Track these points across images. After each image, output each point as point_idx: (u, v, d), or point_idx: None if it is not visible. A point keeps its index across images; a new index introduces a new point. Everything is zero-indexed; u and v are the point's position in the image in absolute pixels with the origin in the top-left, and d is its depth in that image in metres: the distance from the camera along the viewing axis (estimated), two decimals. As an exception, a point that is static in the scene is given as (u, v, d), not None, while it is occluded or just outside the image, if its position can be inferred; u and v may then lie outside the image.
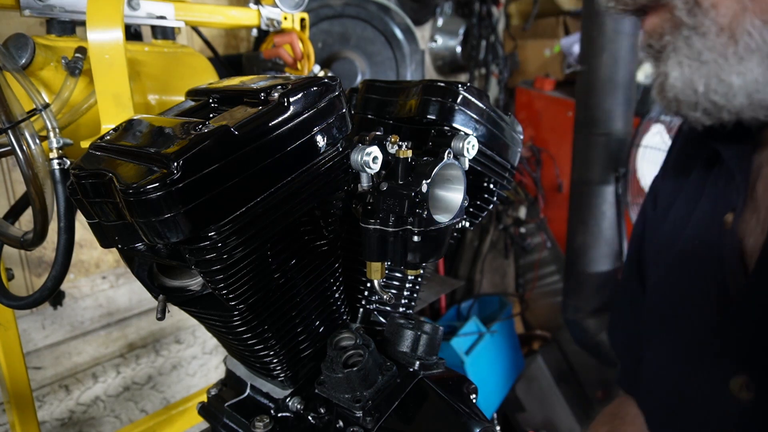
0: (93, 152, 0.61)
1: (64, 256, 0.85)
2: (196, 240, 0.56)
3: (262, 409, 0.76)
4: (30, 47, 0.85)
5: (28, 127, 0.80)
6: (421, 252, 0.71)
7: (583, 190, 2.34)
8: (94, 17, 0.85)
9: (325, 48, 2.29)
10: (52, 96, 0.87)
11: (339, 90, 0.67)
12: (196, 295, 0.68)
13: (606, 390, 2.57)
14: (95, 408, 1.95)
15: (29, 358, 1.77)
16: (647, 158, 1.97)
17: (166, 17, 1.18)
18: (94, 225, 0.61)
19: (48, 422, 1.83)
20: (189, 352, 2.21)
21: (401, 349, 0.78)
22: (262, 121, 0.59)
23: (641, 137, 1.97)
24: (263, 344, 0.70)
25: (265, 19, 1.41)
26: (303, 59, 1.47)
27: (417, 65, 2.46)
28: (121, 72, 0.86)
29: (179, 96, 1.05)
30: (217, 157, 0.54)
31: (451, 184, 0.75)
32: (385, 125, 0.80)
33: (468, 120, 0.75)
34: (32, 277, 1.77)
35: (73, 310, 1.87)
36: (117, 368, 2.01)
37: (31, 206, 0.82)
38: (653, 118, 1.98)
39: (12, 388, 1.14)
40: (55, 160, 0.82)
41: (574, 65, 2.36)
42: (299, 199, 0.64)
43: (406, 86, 0.80)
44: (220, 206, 0.56)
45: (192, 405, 1.47)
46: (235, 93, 0.67)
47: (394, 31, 2.37)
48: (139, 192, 0.51)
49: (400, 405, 0.73)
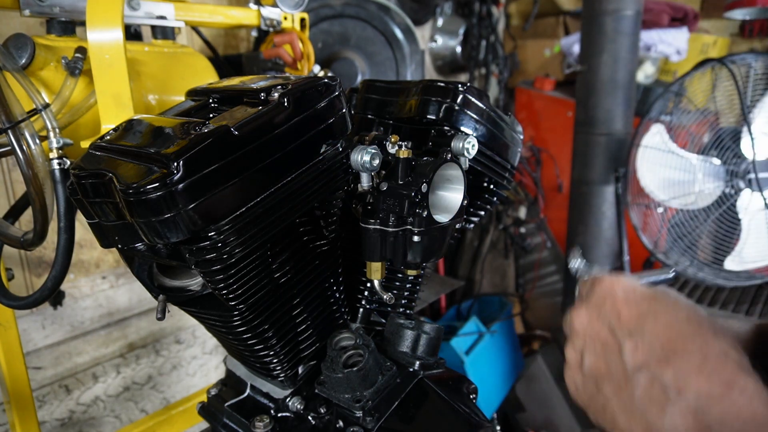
0: (93, 152, 0.61)
1: (64, 256, 0.85)
2: (196, 240, 0.56)
3: (262, 409, 0.76)
4: (30, 47, 0.85)
5: (28, 127, 0.80)
6: (421, 252, 0.71)
7: (583, 190, 2.34)
8: (94, 17, 0.85)
9: (325, 48, 2.28)
10: (52, 96, 0.87)
11: (339, 90, 0.67)
12: (196, 295, 0.68)
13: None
14: (95, 408, 1.95)
15: (29, 358, 1.77)
16: (647, 158, 1.96)
17: (166, 17, 1.18)
18: (94, 225, 0.61)
19: (48, 422, 1.83)
20: (189, 352, 2.21)
21: (401, 349, 0.78)
22: (262, 121, 0.59)
23: (641, 137, 1.96)
24: (263, 344, 0.70)
25: (265, 19, 1.41)
26: (303, 59, 1.47)
27: (417, 65, 2.46)
28: (121, 72, 0.86)
29: (179, 96, 1.05)
30: (217, 157, 0.54)
31: (450, 184, 0.75)
32: (385, 125, 0.80)
33: (468, 120, 0.75)
34: (32, 277, 1.76)
35: (73, 310, 1.87)
36: (117, 368, 2.01)
37: (31, 206, 0.82)
38: (653, 118, 1.97)
39: (12, 388, 1.14)
40: (55, 160, 0.82)
41: (574, 65, 2.36)
42: (299, 199, 0.64)
43: (406, 86, 0.80)
44: (220, 206, 0.56)
45: (192, 405, 1.47)
46: (235, 93, 0.67)
47: (394, 31, 2.36)
48: (140, 192, 0.51)
49: (400, 405, 0.73)
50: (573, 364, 0.51)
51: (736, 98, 1.85)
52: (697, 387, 0.41)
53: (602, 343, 0.47)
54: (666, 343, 0.43)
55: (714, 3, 2.72)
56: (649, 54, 2.47)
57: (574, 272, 0.62)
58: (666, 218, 2.00)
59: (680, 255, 1.96)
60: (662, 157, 1.94)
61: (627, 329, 0.45)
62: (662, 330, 0.44)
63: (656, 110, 1.98)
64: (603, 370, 0.47)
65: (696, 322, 0.44)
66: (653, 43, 2.43)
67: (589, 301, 0.49)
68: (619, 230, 2.28)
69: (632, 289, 0.48)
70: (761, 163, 1.82)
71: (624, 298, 0.47)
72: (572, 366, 0.51)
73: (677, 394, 0.41)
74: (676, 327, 0.44)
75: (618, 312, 0.47)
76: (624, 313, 0.46)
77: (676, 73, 2.55)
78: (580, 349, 0.49)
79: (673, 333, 0.43)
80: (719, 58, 1.88)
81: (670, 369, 0.42)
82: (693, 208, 1.92)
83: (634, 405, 0.44)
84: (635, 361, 0.44)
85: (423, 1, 2.81)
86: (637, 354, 0.44)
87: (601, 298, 0.48)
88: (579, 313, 0.50)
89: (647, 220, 2.06)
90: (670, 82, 2.07)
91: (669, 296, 0.47)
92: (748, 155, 1.83)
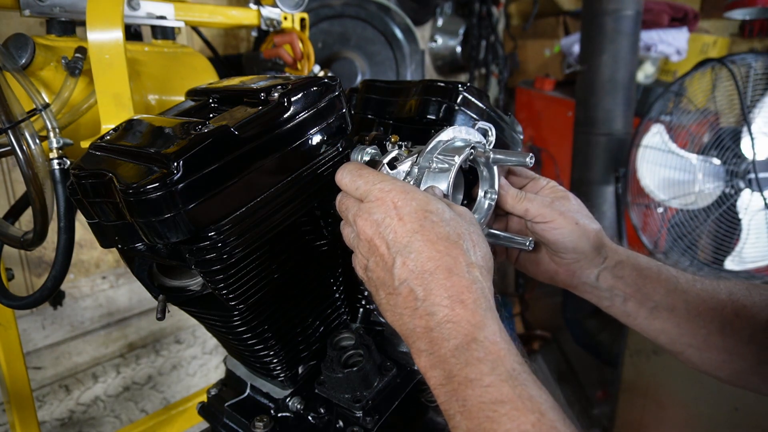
0: (93, 152, 0.61)
1: (64, 256, 0.85)
2: (196, 240, 0.56)
3: (262, 409, 0.76)
4: (30, 47, 0.85)
5: (28, 127, 0.80)
6: (421, 252, 0.70)
7: (583, 190, 2.34)
8: (94, 17, 0.85)
9: (325, 48, 2.29)
10: (52, 96, 0.86)
11: (339, 90, 0.67)
12: (196, 295, 0.68)
13: (606, 390, 2.57)
14: (95, 408, 1.95)
15: (29, 358, 1.77)
16: (647, 158, 1.97)
17: (166, 17, 1.18)
18: (94, 225, 0.61)
19: (48, 422, 1.83)
20: (189, 352, 2.21)
21: (401, 349, 0.78)
22: (262, 121, 0.59)
23: (641, 137, 1.97)
24: (263, 344, 0.70)
25: (265, 19, 1.41)
26: (303, 59, 1.47)
27: (417, 65, 2.46)
28: (121, 72, 0.86)
29: (179, 96, 1.05)
30: (217, 157, 0.54)
31: (451, 184, 0.75)
32: (385, 125, 0.80)
33: (468, 120, 0.75)
34: (32, 277, 1.77)
35: (73, 310, 1.87)
36: (117, 368, 2.01)
37: (31, 206, 0.82)
38: (653, 118, 1.98)
39: (12, 388, 1.14)
40: (55, 160, 0.82)
41: (574, 65, 2.36)
42: (299, 199, 0.64)
43: (406, 86, 0.80)
44: (220, 206, 0.56)
45: (192, 405, 1.47)
46: (235, 93, 0.67)
47: (394, 31, 2.36)
48: (140, 192, 0.51)
49: (400, 405, 0.73)
50: (360, 263, 0.62)
51: (736, 98, 1.85)
52: (434, 297, 0.54)
53: (381, 256, 0.57)
54: (425, 260, 0.55)
55: (714, 3, 2.72)
56: (649, 54, 2.47)
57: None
58: (666, 218, 2.00)
59: (680, 255, 1.96)
60: (662, 157, 1.94)
61: (399, 246, 0.56)
62: (425, 248, 0.55)
63: (656, 110, 1.98)
64: (381, 278, 0.58)
65: (454, 242, 0.56)
66: (653, 43, 2.43)
67: (371, 212, 0.58)
68: (619, 230, 2.28)
69: (409, 200, 0.57)
70: (761, 163, 1.82)
71: (399, 214, 0.57)
72: (359, 265, 0.62)
73: (422, 302, 0.54)
74: (436, 245, 0.55)
75: (395, 229, 0.56)
76: (399, 231, 0.56)
77: (676, 73, 2.55)
78: (366, 254, 0.60)
79: (432, 251, 0.55)
80: (719, 58, 1.88)
81: (421, 282, 0.54)
82: (693, 208, 1.92)
83: (398, 309, 0.56)
84: (401, 275, 0.56)
85: (423, 1, 2.81)
86: (403, 270, 0.55)
87: (383, 212, 0.57)
88: (365, 223, 0.58)
89: (647, 220, 2.06)
90: (670, 82, 2.07)
91: (439, 212, 0.57)
92: (748, 155, 1.83)
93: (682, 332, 0.74)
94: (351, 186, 0.62)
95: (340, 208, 0.64)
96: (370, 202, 0.59)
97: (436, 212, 0.57)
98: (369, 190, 0.60)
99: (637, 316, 0.76)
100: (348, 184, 0.62)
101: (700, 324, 0.73)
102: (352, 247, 0.63)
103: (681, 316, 0.73)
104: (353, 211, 0.61)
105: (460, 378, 0.49)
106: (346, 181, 0.62)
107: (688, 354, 0.75)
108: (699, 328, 0.73)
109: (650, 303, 0.74)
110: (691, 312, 0.73)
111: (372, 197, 0.59)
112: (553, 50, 2.99)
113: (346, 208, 0.63)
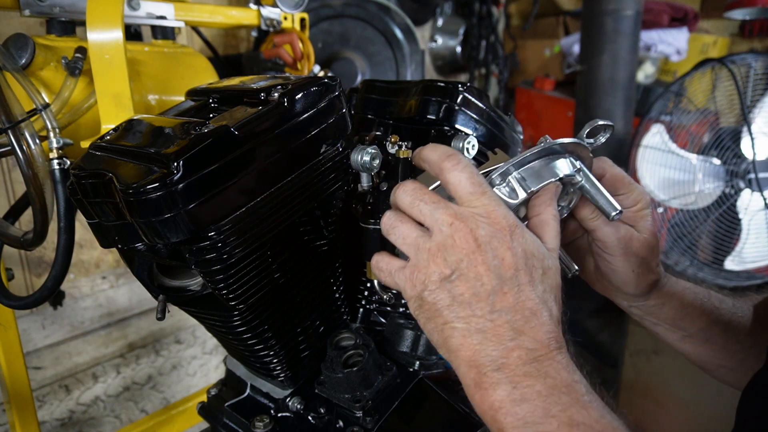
0: (93, 152, 0.61)
1: (64, 256, 0.85)
2: (196, 240, 0.56)
3: (262, 409, 0.76)
4: (30, 47, 0.85)
5: (28, 127, 0.80)
6: (421, 252, 0.70)
7: (583, 190, 2.34)
8: (94, 17, 0.84)
9: (325, 48, 2.28)
10: (52, 96, 0.86)
11: (339, 90, 0.67)
12: (196, 295, 0.67)
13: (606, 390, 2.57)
14: (95, 408, 1.95)
15: (29, 358, 1.77)
16: (647, 158, 1.97)
17: (166, 17, 1.18)
18: (94, 225, 0.61)
19: (48, 422, 1.83)
20: (189, 352, 2.21)
21: (401, 349, 0.78)
22: (262, 121, 0.59)
23: (641, 137, 1.97)
24: (263, 344, 0.70)
25: (265, 19, 1.41)
26: (303, 59, 1.47)
27: (417, 65, 2.46)
28: (121, 72, 0.86)
29: (179, 96, 1.05)
30: (217, 157, 0.54)
31: (451, 184, 0.75)
32: (385, 125, 0.80)
33: (468, 120, 0.75)
34: (32, 277, 1.77)
35: (73, 310, 1.87)
36: (117, 368, 2.01)
37: (31, 206, 0.82)
38: (653, 118, 1.98)
39: (12, 388, 1.14)
40: (55, 160, 0.82)
41: (574, 65, 2.36)
42: (299, 199, 0.64)
43: (406, 86, 0.80)
44: (220, 206, 0.56)
45: (192, 405, 1.47)
46: (235, 93, 0.67)
47: (394, 31, 2.36)
48: (140, 192, 0.51)
49: (400, 405, 0.73)
50: (436, 274, 0.51)
51: (736, 98, 1.85)
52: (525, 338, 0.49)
53: (479, 279, 0.50)
54: (523, 301, 0.50)
55: (714, 3, 2.72)
56: (649, 54, 2.47)
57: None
58: (666, 218, 2.00)
59: (680, 255, 1.96)
60: (662, 157, 1.94)
61: (505, 277, 0.50)
62: (527, 287, 0.50)
63: (656, 110, 1.98)
64: (466, 298, 0.50)
65: (555, 285, 0.53)
66: (653, 43, 2.43)
67: (482, 229, 0.51)
68: (619, 230, 2.28)
69: (519, 235, 0.51)
70: (761, 163, 1.82)
71: (511, 245, 0.51)
72: (433, 273, 0.51)
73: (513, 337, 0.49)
74: (534, 293, 0.51)
75: (502, 258, 0.50)
76: (507, 261, 0.50)
77: (676, 73, 2.55)
78: (454, 265, 0.51)
79: (529, 294, 0.50)
80: (719, 58, 1.88)
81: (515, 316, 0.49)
82: (693, 208, 1.92)
83: (479, 334, 0.50)
84: (500, 306, 0.50)
85: (423, 1, 2.81)
86: (504, 301, 0.50)
87: (493, 235, 0.51)
88: (467, 236, 0.50)
89: (647, 220, 2.05)
90: (670, 82, 2.07)
91: (543, 257, 0.53)
92: (748, 155, 1.83)
93: (717, 356, 0.72)
94: (455, 178, 0.53)
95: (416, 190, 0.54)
96: (474, 211, 0.51)
97: (539, 252, 0.53)
98: (474, 196, 0.52)
99: (666, 337, 0.73)
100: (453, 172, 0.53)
101: (737, 348, 0.70)
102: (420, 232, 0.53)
103: (717, 345, 0.71)
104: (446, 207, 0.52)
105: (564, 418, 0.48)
106: (449, 167, 0.53)
107: (720, 373, 0.73)
108: (735, 352, 0.70)
109: (684, 333, 0.72)
110: (730, 340, 0.70)
111: (481, 210, 0.51)
112: (553, 50, 2.99)
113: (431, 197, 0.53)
